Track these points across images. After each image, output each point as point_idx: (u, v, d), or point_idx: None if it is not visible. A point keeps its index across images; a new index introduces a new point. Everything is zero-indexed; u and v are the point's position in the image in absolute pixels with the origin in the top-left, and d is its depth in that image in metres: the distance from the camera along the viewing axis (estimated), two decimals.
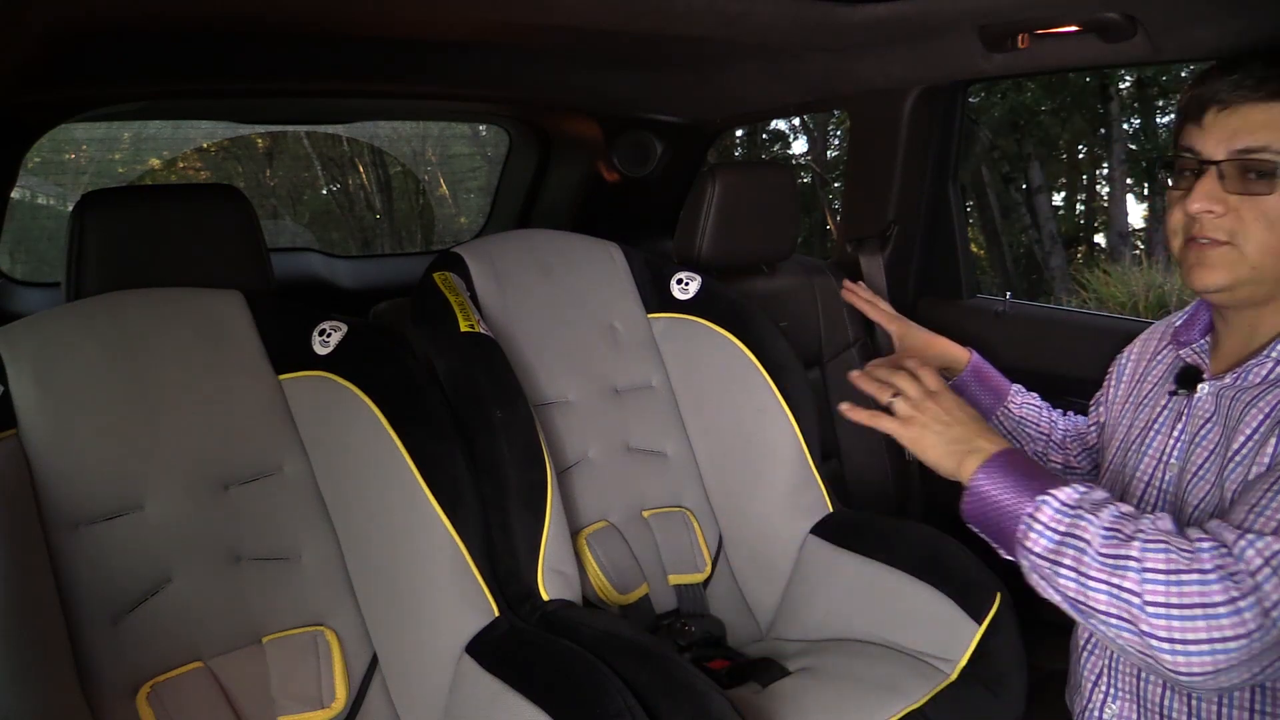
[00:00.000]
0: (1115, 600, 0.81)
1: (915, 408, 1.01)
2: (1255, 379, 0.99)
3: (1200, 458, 1.03)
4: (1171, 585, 0.79)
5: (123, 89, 1.66)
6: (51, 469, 1.05)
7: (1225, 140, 0.95)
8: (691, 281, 1.56)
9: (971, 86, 2.05)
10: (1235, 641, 0.77)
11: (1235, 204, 0.95)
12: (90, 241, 1.18)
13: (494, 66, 1.86)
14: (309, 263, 2.35)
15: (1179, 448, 1.07)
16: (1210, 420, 1.03)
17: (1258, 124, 0.93)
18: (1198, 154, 0.97)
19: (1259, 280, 0.96)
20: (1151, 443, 1.12)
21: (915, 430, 1.01)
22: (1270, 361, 0.98)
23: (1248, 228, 0.95)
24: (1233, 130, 0.94)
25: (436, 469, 1.15)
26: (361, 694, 1.15)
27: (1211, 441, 1.02)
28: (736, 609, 1.46)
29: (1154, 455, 1.10)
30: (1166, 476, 1.08)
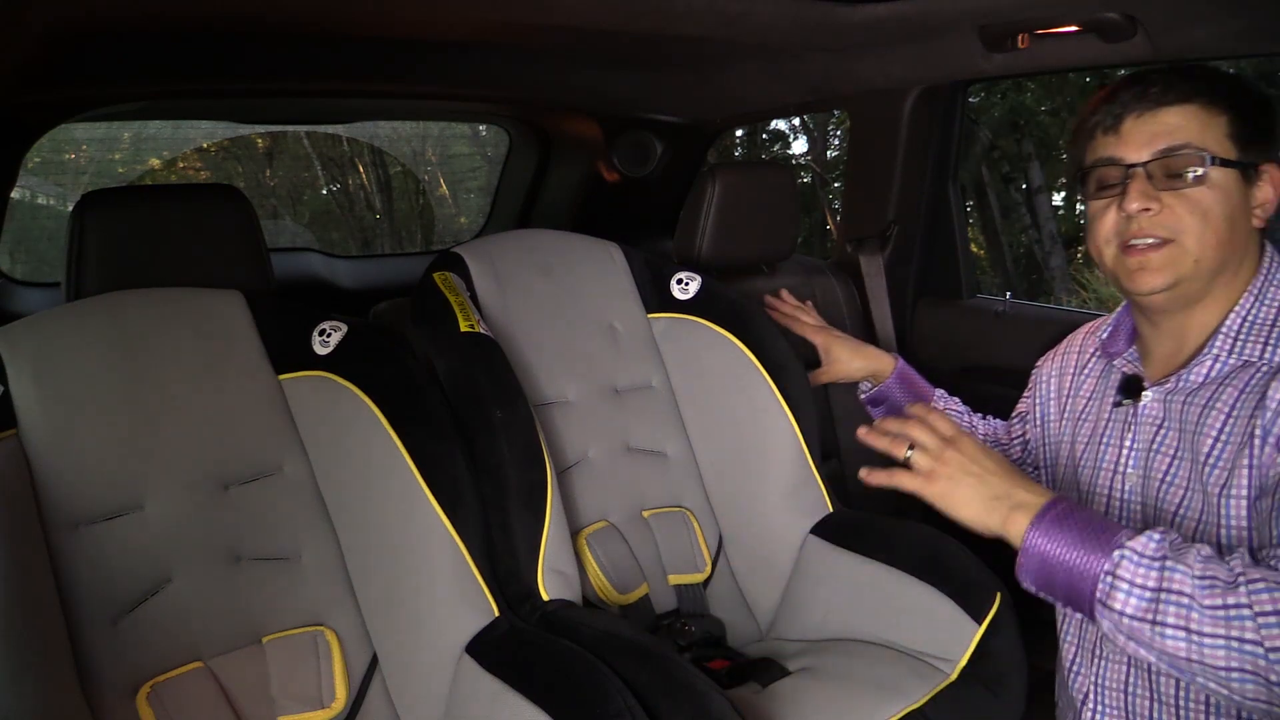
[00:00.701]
0: (1236, 654, 0.77)
1: (936, 459, 0.96)
2: (1197, 379, 1.02)
3: (1164, 464, 1.04)
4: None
5: (123, 89, 1.66)
6: (51, 469, 1.05)
7: (1146, 143, 0.99)
8: (691, 281, 1.56)
9: (971, 86, 2.05)
10: None
11: (1168, 201, 0.98)
12: (90, 241, 1.18)
13: (494, 66, 1.86)
14: (309, 263, 2.35)
15: (1134, 457, 1.09)
16: (1162, 426, 1.05)
17: (1174, 125, 0.98)
18: (1120, 161, 1.01)
19: (1198, 275, 1.00)
20: (1104, 456, 1.13)
21: (942, 485, 0.96)
22: (1209, 360, 1.01)
23: (1183, 222, 0.98)
24: (1151, 134, 0.99)
25: (436, 469, 1.15)
26: (361, 694, 1.15)
27: (1171, 447, 1.04)
28: (736, 609, 1.46)
29: (1108, 468, 1.12)
30: (1126, 487, 1.09)
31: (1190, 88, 0.99)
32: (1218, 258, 0.99)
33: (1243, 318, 1.00)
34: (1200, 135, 0.98)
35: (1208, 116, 0.98)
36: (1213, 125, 0.98)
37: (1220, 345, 1.00)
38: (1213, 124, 0.98)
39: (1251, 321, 1.00)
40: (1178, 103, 0.99)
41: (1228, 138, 0.98)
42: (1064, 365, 1.27)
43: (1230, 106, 0.98)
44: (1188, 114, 0.98)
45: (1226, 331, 1.00)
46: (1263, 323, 0.99)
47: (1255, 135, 0.99)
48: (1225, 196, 0.98)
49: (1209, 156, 0.97)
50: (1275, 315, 1.00)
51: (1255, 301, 1.01)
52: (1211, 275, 1.00)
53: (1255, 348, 0.98)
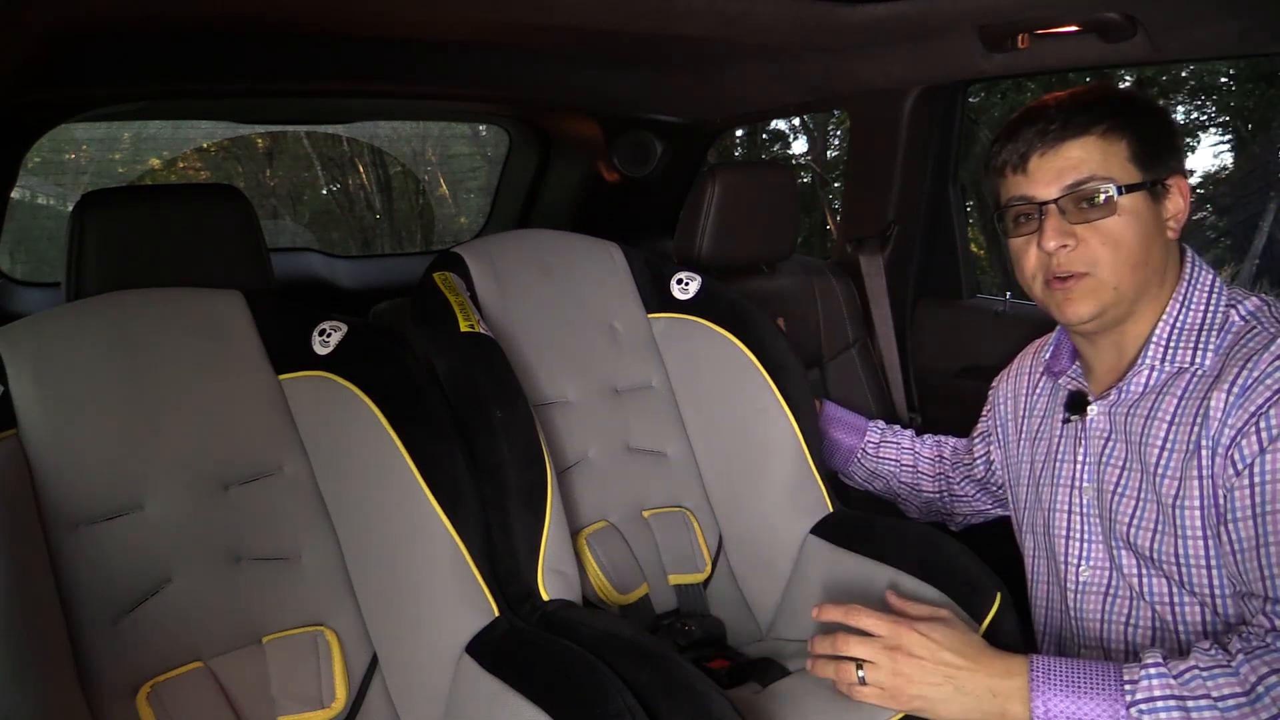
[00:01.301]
0: None
1: (892, 674, 0.97)
2: (1137, 389, 1.05)
3: (1114, 475, 1.07)
4: None
5: (123, 89, 1.66)
6: (51, 469, 1.05)
7: (1054, 180, 1.02)
8: (691, 281, 1.56)
9: (971, 86, 2.05)
10: None
11: (1082, 234, 1.01)
12: (90, 241, 1.18)
13: (494, 66, 1.86)
14: (309, 263, 2.35)
15: (1088, 470, 1.11)
16: (1109, 439, 1.08)
17: (1078, 159, 1.01)
18: (1031, 199, 1.04)
19: (1121, 300, 1.03)
20: (1060, 472, 1.16)
21: (913, 701, 0.97)
22: (1145, 369, 1.04)
23: (1097, 253, 1.01)
24: (1058, 169, 1.02)
25: (436, 469, 1.14)
26: (361, 694, 1.15)
27: (1120, 458, 1.07)
28: (736, 609, 1.46)
29: (1065, 483, 1.14)
30: (1085, 500, 1.12)
31: (1088, 119, 1.01)
32: (1135, 281, 1.02)
33: (1171, 325, 1.03)
34: (1103, 164, 1.00)
35: (1107, 145, 1.01)
36: (1113, 152, 1.01)
37: (1153, 354, 1.03)
38: (1113, 151, 1.01)
39: (1180, 328, 1.03)
40: (1077, 135, 1.01)
41: (1130, 161, 1.01)
42: (1017, 387, 1.31)
43: (1130, 129, 1.01)
44: (1088, 145, 1.01)
45: (1157, 340, 1.03)
46: (1190, 328, 1.02)
47: (1158, 152, 1.02)
48: (1136, 220, 1.01)
49: (1115, 186, 1.00)
50: (1201, 320, 1.03)
51: (1181, 308, 1.04)
52: (1134, 296, 1.03)
53: (1186, 353, 1.01)
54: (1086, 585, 1.11)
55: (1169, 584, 1.02)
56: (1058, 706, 0.91)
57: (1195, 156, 5.94)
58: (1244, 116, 7.17)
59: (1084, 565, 1.11)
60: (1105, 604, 1.09)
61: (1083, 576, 1.12)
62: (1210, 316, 1.03)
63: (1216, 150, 6.17)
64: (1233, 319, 1.02)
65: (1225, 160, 7.48)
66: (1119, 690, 0.89)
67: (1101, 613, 1.09)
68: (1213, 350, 1.00)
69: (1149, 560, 1.02)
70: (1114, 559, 1.07)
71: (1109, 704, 0.89)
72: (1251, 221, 5.28)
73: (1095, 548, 1.10)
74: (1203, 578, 0.98)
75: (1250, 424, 0.92)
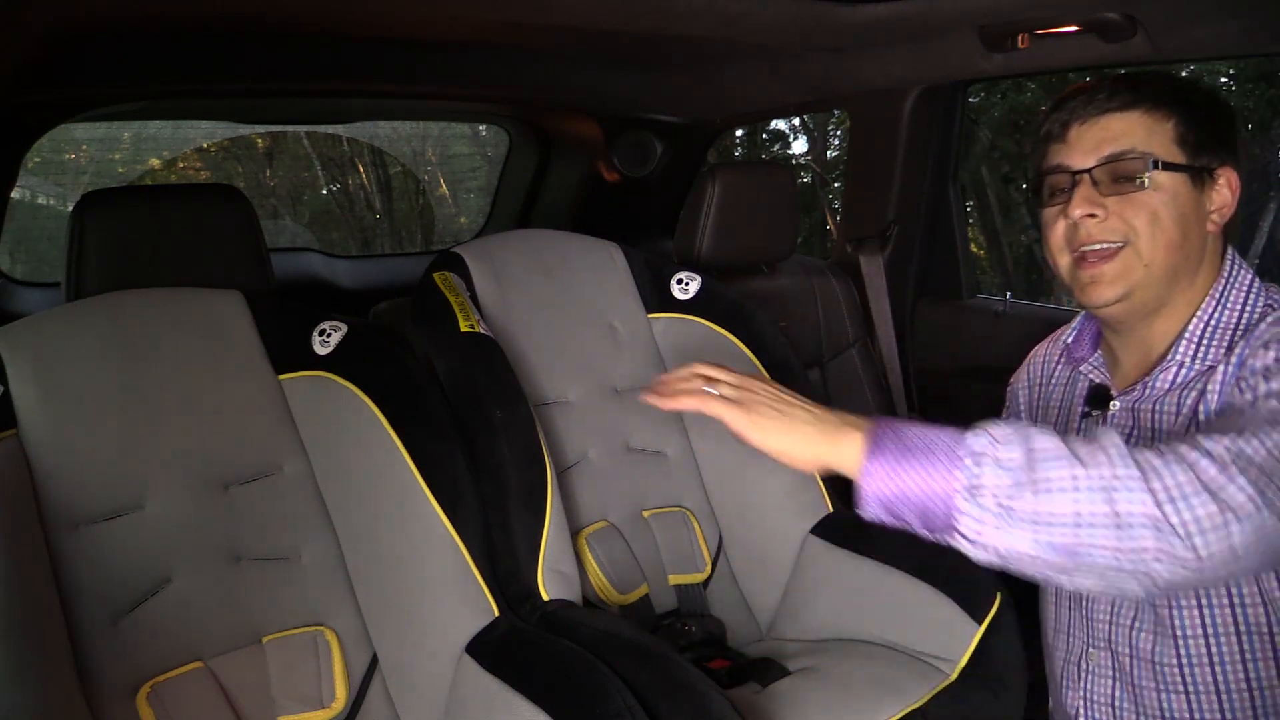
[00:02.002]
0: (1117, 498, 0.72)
1: (742, 389, 0.90)
2: (1163, 385, 1.02)
3: None
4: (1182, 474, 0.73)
5: (123, 89, 1.66)
6: (51, 469, 1.05)
7: (1092, 150, 1.00)
8: (691, 281, 1.56)
9: (971, 86, 2.05)
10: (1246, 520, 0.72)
11: (1114, 206, 0.98)
12: (90, 241, 1.18)
13: (494, 66, 1.86)
14: (309, 263, 2.35)
15: None
16: (1131, 435, 1.05)
17: (1119, 131, 0.99)
18: (1068, 168, 1.01)
19: (1150, 282, 0.99)
20: None
21: (755, 415, 0.87)
22: (1174, 365, 1.01)
23: (1132, 225, 0.98)
24: (1097, 140, 1.00)
25: (436, 469, 1.14)
26: (361, 694, 1.15)
27: None
28: (736, 609, 1.46)
29: None
30: None
31: (1135, 94, 0.99)
32: (1169, 262, 0.99)
33: (1205, 322, 1.00)
34: (1145, 140, 0.98)
35: (1153, 122, 0.99)
36: (1159, 130, 0.98)
37: (1184, 351, 1.00)
38: (1159, 129, 0.98)
39: (1214, 326, 1.00)
40: (1122, 109, 0.99)
41: (1174, 142, 0.98)
42: (1031, 378, 1.28)
43: (1178, 111, 0.99)
44: (1132, 120, 0.99)
45: (1190, 337, 1.00)
46: (1225, 326, 1.00)
47: (1207, 140, 0.99)
48: (1173, 200, 0.98)
49: (1153, 160, 0.97)
50: (1237, 319, 1.00)
51: (1217, 306, 1.01)
52: (1166, 281, 1.00)
53: (1219, 352, 0.98)
54: None
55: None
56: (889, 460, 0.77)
57: None
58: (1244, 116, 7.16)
59: None
60: (1114, 605, 1.07)
61: None
62: (1247, 317, 0.99)
63: None
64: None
65: None
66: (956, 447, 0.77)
67: (1110, 615, 1.08)
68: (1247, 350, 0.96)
69: None
70: None
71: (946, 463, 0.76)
72: (1251, 221, 5.27)
73: None
74: None
75: (1246, 366, 0.90)
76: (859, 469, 0.79)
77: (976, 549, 0.77)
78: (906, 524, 0.79)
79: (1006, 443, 0.76)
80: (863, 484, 0.79)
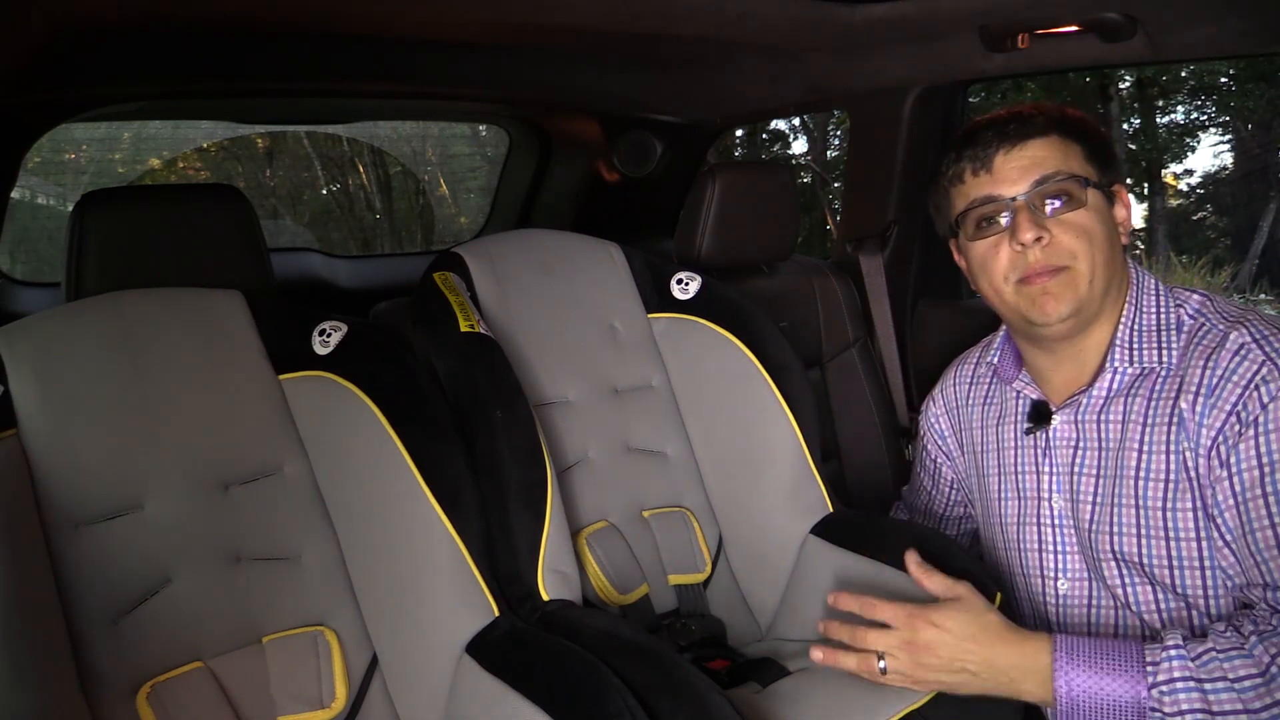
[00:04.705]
0: None
1: (913, 663, 0.98)
2: (1101, 393, 1.06)
3: (1089, 485, 1.07)
4: None
5: (123, 89, 1.66)
6: (52, 469, 1.05)
7: (1020, 176, 1.04)
8: (691, 281, 1.56)
9: (971, 86, 2.05)
10: None
11: (1054, 229, 1.03)
12: (90, 241, 1.18)
13: (494, 66, 1.86)
14: (309, 263, 2.35)
15: (1057, 481, 1.11)
16: (1078, 447, 1.08)
17: (1042, 155, 1.03)
18: (1000, 197, 1.05)
19: (1094, 296, 1.04)
20: (1024, 484, 1.15)
21: (933, 685, 0.99)
22: (1109, 373, 1.05)
23: (1072, 246, 1.02)
24: (1023, 167, 1.04)
25: (436, 469, 1.14)
26: (361, 694, 1.15)
27: (1093, 467, 1.06)
28: (736, 609, 1.46)
29: (1032, 496, 1.14)
30: (1055, 511, 1.11)
31: (1043, 121, 1.04)
32: (1106, 275, 1.03)
33: (1130, 328, 1.05)
34: (1066, 162, 1.03)
35: (1065, 145, 1.04)
36: (1072, 153, 1.04)
37: (1119, 357, 1.04)
38: (1072, 151, 1.04)
39: (1139, 329, 1.04)
40: (1038, 135, 1.04)
41: (1087, 162, 1.04)
42: (946, 403, 1.32)
43: (1079, 135, 1.04)
44: (1050, 144, 1.04)
45: (1120, 343, 1.04)
46: (1149, 328, 1.04)
47: (1105, 159, 1.05)
48: (1101, 216, 1.03)
49: (1083, 179, 1.02)
50: (1156, 320, 1.04)
51: (1136, 311, 1.05)
52: (1103, 294, 1.04)
53: (1151, 353, 1.03)
54: (1067, 599, 1.11)
55: (1155, 590, 1.01)
56: (1080, 684, 0.91)
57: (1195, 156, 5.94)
58: (1244, 116, 7.17)
59: (1061, 578, 1.11)
60: (1090, 616, 1.09)
61: (1061, 589, 1.11)
62: (1164, 317, 1.04)
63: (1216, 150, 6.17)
64: (1183, 318, 1.04)
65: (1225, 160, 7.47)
66: (1141, 670, 0.90)
67: (1088, 627, 1.09)
68: (1175, 348, 1.02)
69: (1138, 567, 1.02)
70: (1095, 569, 1.07)
71: (1131, 684, 0.89)
72: (1252, 221, 5.28)
73: (1071, 559, 1.10)
74: (1195, 579, 0.98)
75: (1228, 421, 0.94)
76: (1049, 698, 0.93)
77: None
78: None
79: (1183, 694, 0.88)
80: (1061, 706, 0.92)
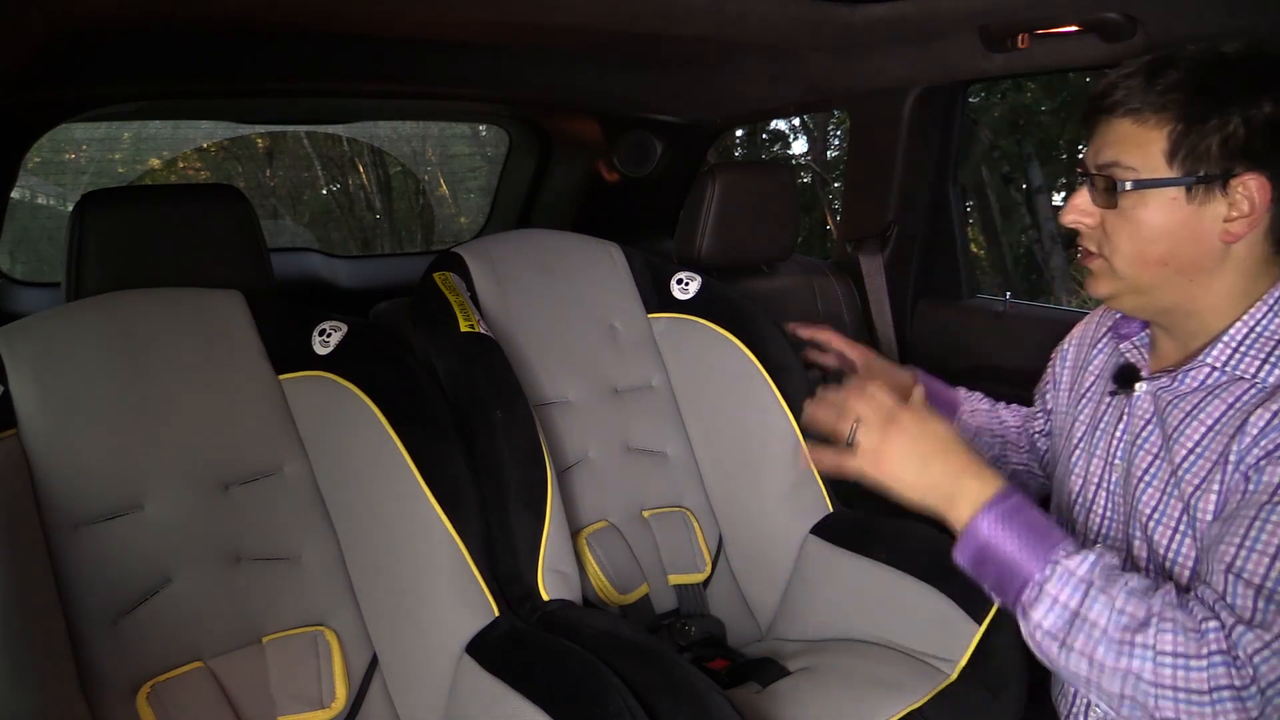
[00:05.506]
0: (1128, 683, 0.82)
1: (881, 436, 0.96)
2: (1192, 383, 0.99)
3: (1145, 461, 1.03)
4: (1179, 670, 0.80)
5: (123, 89, 1.67)
6: (52, 469, 1.05)
7: (1094, 154, 0.98)
8: (691, 281, 1.56)
9: (971, 86, 2.05)
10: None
11: (1102, 216, 0.98)
12: (90, 241, 1.18)
13: (494, 66, 1.86)
14: (309, 263, 2.35)
15: (1122, 448, 1.07)
16: (1150, 422, 1.03)
17: (1112, 139, 0.96)
18: (1084, 162, 1.00)
19: (1137, 290, 0.98)
20: (1099, 443, 1.11)
21: (886, 467, 0.96)
22: (1205, 367, 0.97)
23: (1112, 240, 0.97)
24: (1099, 145, 0.98)
25: (436, 469, 1.14)
26: (361, 694, 1.15)
27: (1154, 445, 1.02)
28: (736, 609, 1.46)
29: (1101, 455, 1.10)
30: (1113, 478, 1.08)
31: (1139, 99, 0.93)
32: (1151, 279, 0.96)
33: (1250, 328, 0.95)
34: (1131, 153, 0.94)
35: (1144, 130, 0.93)
36: (1153, 140, 0.93)
37: (1217, 355, 0.96)
38: (1152, 138, 0.93)
39: (1256, 333, 0.95)
40: (1122, 116, 0.95)
41: (1165, 154, 0.92)
42: (1083, 336, 1.25)
43: (1190, 113, 0.91)
44: (1126, 128, 0.94)
45: (1228, 341, 0.96)
46: (1270, 337, 0.94)
47: (1226, 146, 0.91)
48: (1156, 216, 0.94)
49: (1130, 181, 0.94)
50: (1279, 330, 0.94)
51: (1269, 313, 0.95)
52: (1154, 292, 0.97)
53: (1252, 364, 0.94)
54: None
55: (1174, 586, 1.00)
56: (989, 531, 0.90)
57: None
58: None
59: (1100, 543, 1.04)
60: None
61: None
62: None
63: None
64: None
65: None
66: (1053, 549, 0.88)
67: None
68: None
69: (1160, 560, 0.99)
70: (1129, 544, 1.04)
71: (1035, 555, 0.88)
72: None
73: (1115, 527, 1.07)
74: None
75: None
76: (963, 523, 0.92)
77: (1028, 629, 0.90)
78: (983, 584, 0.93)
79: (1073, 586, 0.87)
80: (960, 540, 0.92)
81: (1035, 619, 0.87)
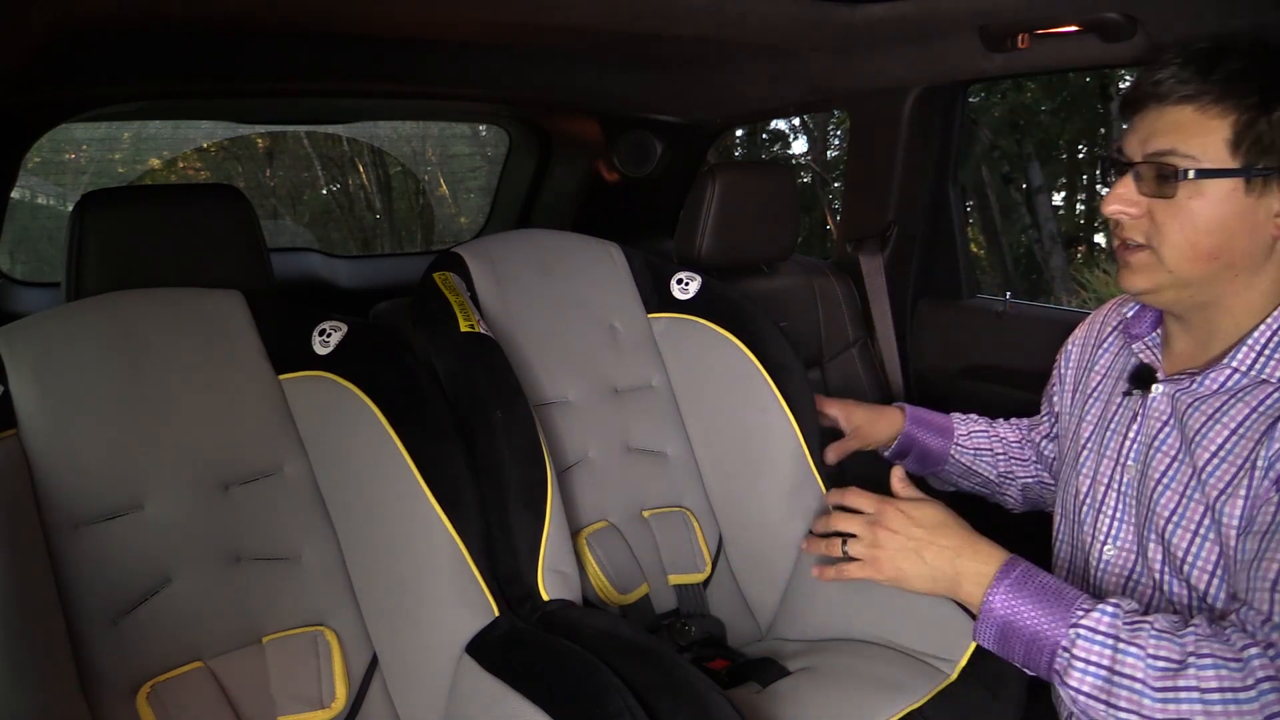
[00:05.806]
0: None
1: (871, 545, 1.00)
2: (1213, 385, 0.97)
3: (1162, 464, 1.01)
4: (1230, 704, 0.80)
5: (123, 89, 1.67)
6: (52, 469, 1.05)
7: (1141, 142, 0.94)
8: (691, 281, 1.56)
9: (971, 86, 2.05)
10: None
11: (1150, 207, 0.94)
12: (90, 241, 1.18)
13: (494, 66, 1.86)
14: (309, 263, 2.35)
15: (1135, 450, 1.05)
16: (1167, 424, 1.01)
17: (1166, 127, 0.92)
18: (1124, 154, 0.97)
19: (1181, 284, 0.95)
20: (1109, 443, 1.09)
21: (888, 570, 0.99)
22: (1228, 370, 0.95)
23: (1162, 231, 0.94)
24: (1147, 133, 0.94)
25: (436, 469, 1.14)
26: (361, 694, 1.15)
27: (1172, 448, 1.00)
28: (736, 609, 1.46)
29: (1111, 456, 1.09)
30: (1125, 479, 1.06)
31: (1200, 84, 0.90)
32: (1199, 271, 0.93)
33: (1274, 331, 0.94)
34: (1191, 142, 0.91)
35: (1207, 120, 0.90)
36: (1213, 129, 0.90)
37: (1243, 357, 0.94)
38: (1214, 127, 0.90)
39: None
40: (1177, 103, 0.91)
41: (1228, 143, 0.90)
42: (1087, 336, 1.23)
43: (1250, 103, 0.89)
44: (1185, 115, 0.91)
45: (1252, 344, 0.94)
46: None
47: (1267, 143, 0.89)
48: (1214, 208, 0.91)
49: (1193, 170, 0.90)
50: None
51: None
52: (1199, 286, 0.95)
53: (1278, 368, 0.92)
54: (1109, 565, 1.06)
55: (1190, 592, 0.96)
56: (1008, 603, 0.91)
57: None
58: None
59: (1110, 544, 1.06)
60: (1126, 589, 1.05)
61: (1106, 555, 1.07)
62: None
63: None
64: None
65: None
66: (1070, 610, 0.88)
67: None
68: None
69: (1178, 564, 0.97)
70: (1143, 547, 1.02)
71: (1055, 619, 0.88)
72: None
73: (1126, 529, 1.05)
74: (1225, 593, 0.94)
75: None
76: (976, 603, 0.94)
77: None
78: (1014, 661, 0.93)
79: (1100, 644, 0.87)
80: (979, 623, 0.93)
81: (1073, 685, 0.87)
